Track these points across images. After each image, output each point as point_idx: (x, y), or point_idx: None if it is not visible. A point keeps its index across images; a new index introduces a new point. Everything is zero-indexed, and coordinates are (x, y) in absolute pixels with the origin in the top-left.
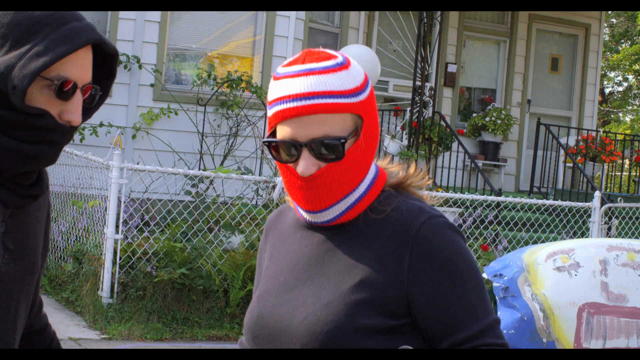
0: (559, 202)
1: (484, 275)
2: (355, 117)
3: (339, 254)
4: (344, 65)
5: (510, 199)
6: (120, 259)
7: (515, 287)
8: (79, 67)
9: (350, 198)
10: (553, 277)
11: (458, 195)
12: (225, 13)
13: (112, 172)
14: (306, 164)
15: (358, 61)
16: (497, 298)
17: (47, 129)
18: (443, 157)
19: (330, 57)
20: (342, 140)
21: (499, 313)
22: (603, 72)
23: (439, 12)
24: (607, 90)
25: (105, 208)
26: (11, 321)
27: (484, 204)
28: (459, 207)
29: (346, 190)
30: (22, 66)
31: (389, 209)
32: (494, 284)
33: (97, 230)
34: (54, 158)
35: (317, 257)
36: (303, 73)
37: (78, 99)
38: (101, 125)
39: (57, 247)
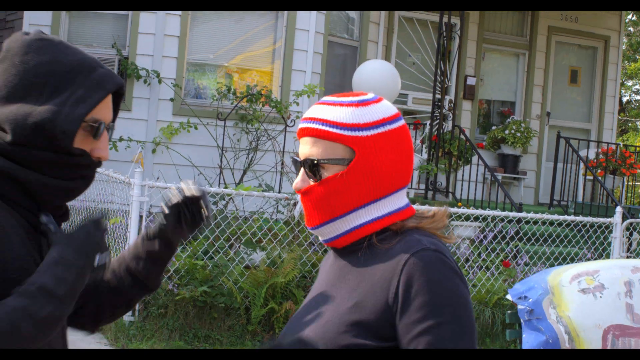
0: (580, 218)
1: (508, 297)
2: (347, 149)
3: (348, 278)
4: (360, 103)
5: (531, 214)
6: None
7: (540, 309)
8: (106, 108)
9: (344, 223)
10: (578, 299)
11: (480, 212)
12: (244, 27)
13: (133, 189)
14: (298, 179)
15: (378, 76)
16: (521, 320)
17: (84, 166)
18: (463, 170)
19: (358, 94)
20: (315, 161)
21: (524, 336)
22: (621, 80)
23: (458, 25)
24: (624, 99)
25: (127, 225)
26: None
27: (505, 220)
28: (479, 221)
29: (332, 214)
30: (68, 112)
31: (395, 241)
32: (519, 307)
33: (119, 248)
34: (84, 190)
35: (334, 281)
36: (323, 102)
37: (105, 137)
38: (121, 139)
39: None
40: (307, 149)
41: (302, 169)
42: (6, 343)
